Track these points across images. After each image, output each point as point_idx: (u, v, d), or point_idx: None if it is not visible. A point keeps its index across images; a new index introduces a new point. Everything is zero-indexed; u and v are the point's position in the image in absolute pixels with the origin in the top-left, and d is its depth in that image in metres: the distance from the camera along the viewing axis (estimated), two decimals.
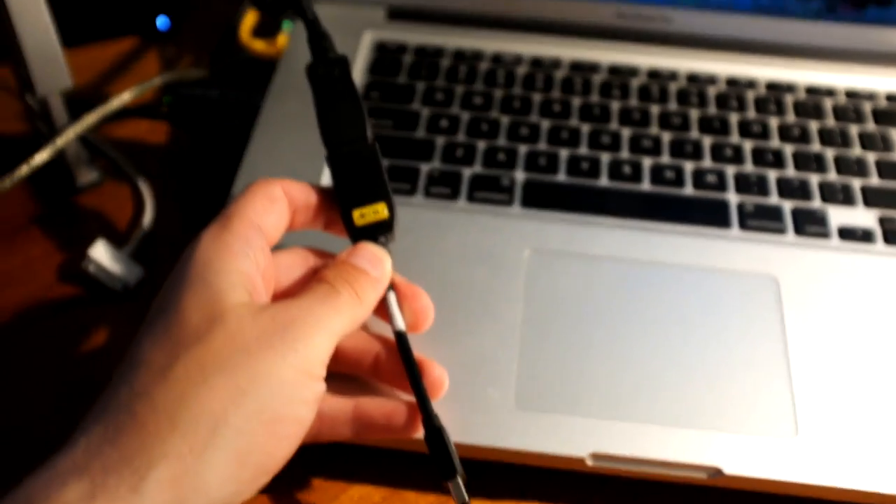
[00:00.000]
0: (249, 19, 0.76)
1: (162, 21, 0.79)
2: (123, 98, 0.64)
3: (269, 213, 0.46)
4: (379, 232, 0.48)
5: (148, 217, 0.63)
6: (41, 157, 0.59)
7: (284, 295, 0.47)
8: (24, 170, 0.58)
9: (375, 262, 0.46)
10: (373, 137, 0.49)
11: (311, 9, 0.54)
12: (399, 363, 0.47)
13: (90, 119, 0.62)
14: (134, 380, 0.38)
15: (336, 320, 0.42)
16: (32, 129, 0.64)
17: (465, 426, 0.48)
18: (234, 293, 0.41)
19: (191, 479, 0.37)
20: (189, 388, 0.38)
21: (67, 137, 0.60)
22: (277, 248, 0.47)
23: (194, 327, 0.39)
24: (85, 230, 0.63)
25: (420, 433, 0.45)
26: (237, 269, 0.42)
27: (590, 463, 0.48)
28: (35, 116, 0.63)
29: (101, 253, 0.59)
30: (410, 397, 0.47)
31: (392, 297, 0.47)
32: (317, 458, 0.50)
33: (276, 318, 0.41)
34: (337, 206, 0.48)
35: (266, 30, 0.76)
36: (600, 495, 0.50)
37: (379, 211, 0.48)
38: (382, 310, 0.47)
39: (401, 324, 0.47)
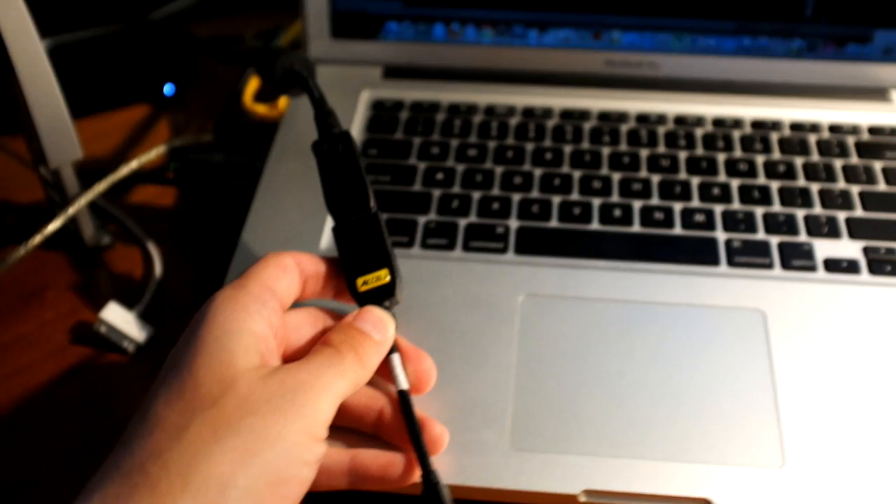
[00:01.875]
0: (252, 85, 0.79)
1: (168, 88, 0.82)
2: (131, 166, 0.67)
3: (281, 279, 0.48)
4: (383, 297, 0.50)
5: (157, 277, 0.66)
6: (53, 225, 0.61)
7: (295, 353, 0.49)
8: (37, 238, 0.61)
9: (379, 325, 0.48)
10: (376, 207, 0.52)
11: (318, 87, 0.57)
12: (401, 420, 0.48)
13: (100, 187, 0.64)
14: (148, 438, 0.40)
15: (340, 384, 0.44)
16: (46, 197, 0.67)
17: (462, 468, 0.49)
18: (246, 357, 0.43)
19: None
20: (201, 450, 0.39)
21: (78, 206, 0.63)
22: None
23: (207, 390, 0.41)
24: (97, 292, 0.66)
25: (414, 481, 0.47)
26: (251, 330, 0.44)
27: (583, 499, 0.49)
28: (48, 186, 0.65)
29: (112, 314, 0.61)
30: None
31: (396, 359, 0.49)
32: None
33: (285, 382, 0.42)
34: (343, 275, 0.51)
35: (268, 94, 0.79)
36: None
37: (381, 277, 0.50)
38: (386, 370, 0.49)
39: (404, 383, 0.49)
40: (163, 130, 0.79)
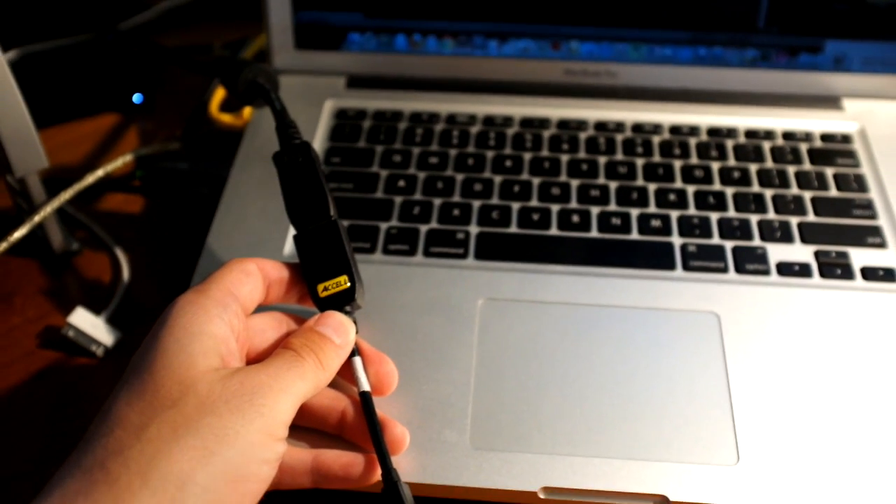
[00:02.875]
0: (219, 94, 0.80)
1: (137, 97, 0.83)
2: (97, 174, 0.68)
3: (244, 284, 0.49)
4: (343, 302, 0.52)
5: (125, 282, 0.66)
6: (19, 233, 0.62)
7: (259, 356, 0.50)
8: (2, 245, 0.61)
9: (340, 329, 0.49)
10: (335, 215, 0.53)
11: (280, 100, 0.58)
12: (363, 421, 0.49)
13: (65, 196, 0.65)
14: (109, 436, 0.41)
15: (300, 385, 0.45)
16: (14, 203, 0.67)
17: (424, 467, 0.51)
18: (206, 359, 0.44)
19: None
20: (161, 448, 0.40)
21: (44, 214, 0.64)
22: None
23: (167, 391, 0.42)
24: (66, 297, 0.66)
25: (375, 480, 0.48)
26: (212, 332, 0.45)
27: (542, 496, 0.50)
28: (15, 193, 0.66)
29: (80, 319, 0.62)
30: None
31: (358, 362, 0.51)
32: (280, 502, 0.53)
33: (244, 384, 0.43)
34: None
35: (233, 104, 0.80)
36: None
37: (341, 283, 0.52)
38: (349, 372, 0.51)
39: (366, 385, 0.50)
40: (132, 138, 0.80)
